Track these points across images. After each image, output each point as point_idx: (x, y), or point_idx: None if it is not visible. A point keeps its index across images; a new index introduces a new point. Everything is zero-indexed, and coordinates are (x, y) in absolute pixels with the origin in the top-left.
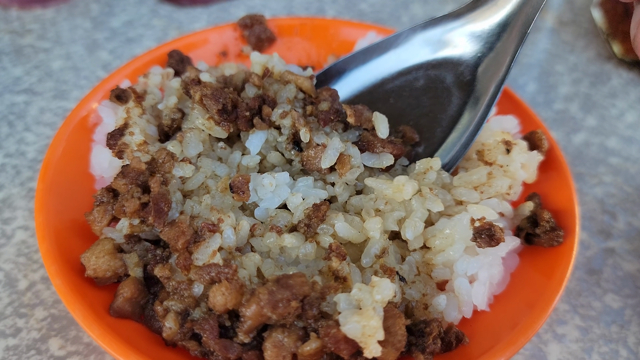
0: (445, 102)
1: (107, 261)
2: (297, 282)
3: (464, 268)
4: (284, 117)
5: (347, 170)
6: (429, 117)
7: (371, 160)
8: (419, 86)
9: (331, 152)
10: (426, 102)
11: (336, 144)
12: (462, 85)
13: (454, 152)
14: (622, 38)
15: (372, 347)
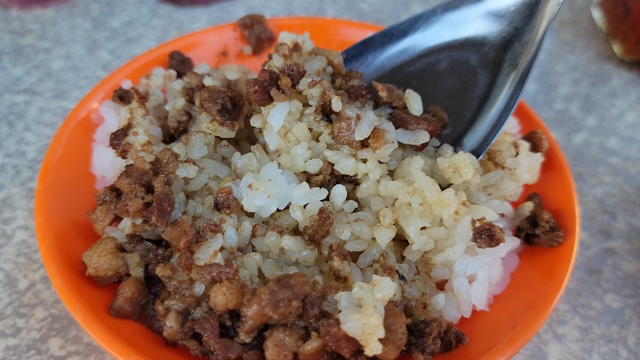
0: (471, 82)
1: (109, 260)
2: (298, 281)
3: (463, 268)
4: (313, 86)
5: (382, 145)
6: (455, 98)
7: (406, 137)
8: (442, 68)
9: (365, 124)
10: (451, 83)
11: (370, 116)
12: (489, 66)
13: (485, 132)
14: (622, 38)
15: (373, 345)
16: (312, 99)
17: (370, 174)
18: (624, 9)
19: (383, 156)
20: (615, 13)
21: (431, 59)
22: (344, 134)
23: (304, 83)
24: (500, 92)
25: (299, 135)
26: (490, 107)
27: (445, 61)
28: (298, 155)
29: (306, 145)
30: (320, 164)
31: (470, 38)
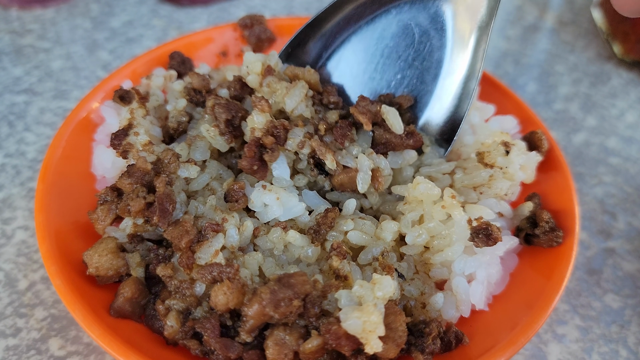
0: (427, 46)
1: (110, 260)
2: (299, 280)
3: (461, 267)
4: (302, 147)
5: (383, 183)
6: (414, 66)
7: (397, 161)
8: (393, 34)
9: (365, 176)
10: (407, 51)
11: (365, 163)
12: (441, 27)
13: (452, 104)
14: (622, 38)
15: (373, 342)
16: (303, 157)
17: (374, 206)
18: None
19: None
20: (615, 13)
21: (380, 24)
22: (346, 186)
23: (292, 145)
24: (458, 55)
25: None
26: (451, 74)
27: (395, 25)
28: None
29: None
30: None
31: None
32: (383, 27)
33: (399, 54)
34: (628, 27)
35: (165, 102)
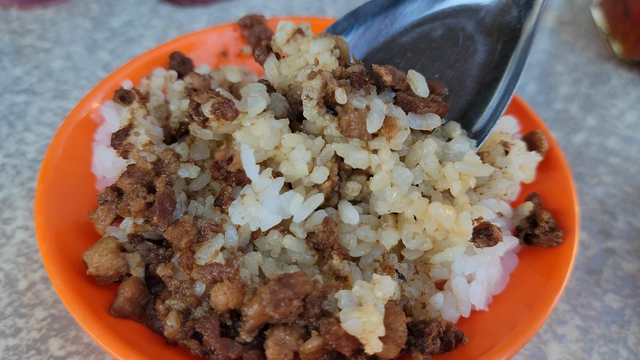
0: (470, 50)
1: (110, 260)
2: (299, 281)
3: (461, 268)
4: (313, 77)
5: (396, 134)
6: (455, 68)
7: (417, 122)
8: (437, 37)
9: (376, 115)
10: (449, 52)
11: (379, 105)
12: (487, 32)
13: (493, 103)
14: (622, 38)
15: (373, 342)
16: (313, 92)
17: (384, 165)
18: (623, 9)
19: (397, 146)
20: (615, 13)
21: (425, 28)
22: (353, 127)
23: (302, 74)
24: (503, 59)
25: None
26: (494, 75)
27: (440, 29)
28: (298, 160)
29: (303, 147)
30: (326, 172)
31: (464, 6)
32: (427, 30)
33: (440, 55)
34: (628, 27)
35: (166, 102)
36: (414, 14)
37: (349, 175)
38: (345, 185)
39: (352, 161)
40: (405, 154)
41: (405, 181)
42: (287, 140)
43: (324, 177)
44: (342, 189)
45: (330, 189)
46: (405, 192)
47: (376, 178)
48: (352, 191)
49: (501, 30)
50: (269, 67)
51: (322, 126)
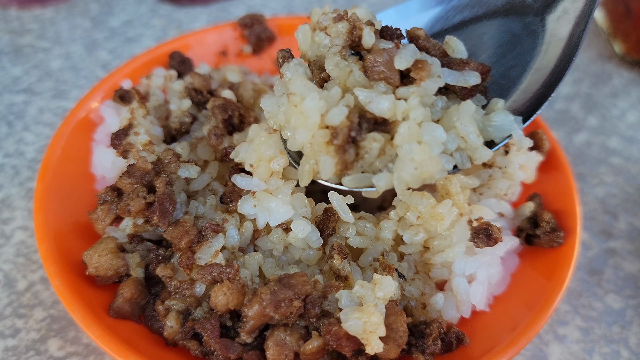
0: (517, 49)
1: (110, 260)
2: (299, 281)
3: (462, 268)
4: (339, 20)
5: (427, 76)
6: (499, 64)
7: (453, 76)
8: (481, 35)
9: (406, 52)
10: (492, 50)
11: (411, 47)
12: (534, 33)
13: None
14: (623, 37)
15: (374, 343)
16: (339, 37)
17: (412, 113)
18: (624, 8)
19: (428, 92)
20: (616, 12)
21: (469, 29)
22: (379, 67)
23: (327, 18)
24: (549, 55)
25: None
26: (539, 71)
27: (485, 29)
28: (310, 109)
29: (316, 96)
30: (344, 111)
31: (510, 7)
32: (472, 30)
33: (484, 51)
34: (629, 26)
35: (166, 102)
36: (457, 15)
37: (370, 129)
38: (365, 134)
39: (375, 106)
40: (438, 118)
41: (437, 139)
42: (296, 86)
43: (341, 117)
44: (361, 138)
45: (347, 133)
46: (436, 153)
47: (402, 129)
48: (373, 141)
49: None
50: (302, 30)
51: (345, 78)
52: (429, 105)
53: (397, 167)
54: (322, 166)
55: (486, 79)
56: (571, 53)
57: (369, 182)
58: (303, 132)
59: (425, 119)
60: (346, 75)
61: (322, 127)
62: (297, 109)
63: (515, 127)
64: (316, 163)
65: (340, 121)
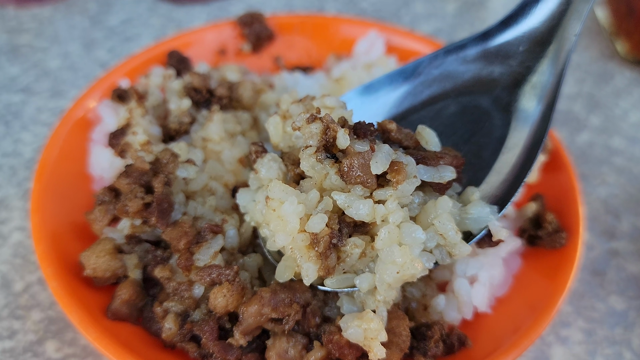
0: (487, 125)
1: (107, 261)
2: (301, 286)
3: (463, 269)
4: (312, 121)
5: (404, 179)
6: (471, 142)
7: (429, 173)
8: (451, 113)
9: (382, 156)
10: (463, 128)
11: (385, 148)
12: (503, 108)
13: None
14: (625, 37)
15: (376, 349)
16: (312, 138)
17: (391, 217)
18: (627, 7)
19: (405, 194)
20: (619, 11)
21: (437, 106)
22: (355, 172)
23: (301, 119)
24: (521, 131)
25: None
26: (512, 148)
27: (454, 106)
28: (289, 214)
29: (295, 200)
30: (324, 218)
31: (478, 81)
32: (441, 107)
33: (454, 131)
34: (632, 25)
35: (164, 101)
36: (425, 91)
37: (350, 234)
38: (345, 239)
39: (354, 211)
40: (416, 214)
41: (417, 241)
42: (274, 192)
43: (321, 225)
44: (341, 244)
45: (328, 241)
46: (417, 254)
47: (382, 233)
48: (354, 247)
49: (517, 106)
50: (273, 122)
51: (321, 179)
52: (407, 204)
53: (379, 269)
54: (305, 273)
55: (460, 170)
56: (542, 129)
57: (352, 283)
58: (283, 237)
59: (404, 220)
60: (322, 177)
61: (302, 231)
62: (275, 213)
63: (491, 218)
64: (298, 266)
65: (321, 229)
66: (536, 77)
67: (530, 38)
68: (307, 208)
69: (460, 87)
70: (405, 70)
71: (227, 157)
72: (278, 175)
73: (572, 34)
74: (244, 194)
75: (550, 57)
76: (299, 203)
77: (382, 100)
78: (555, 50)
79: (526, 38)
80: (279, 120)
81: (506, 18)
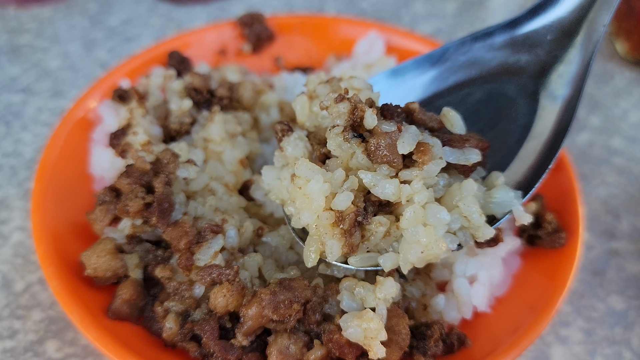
0: (512, 112)
1: (108, 261)
2: (300, 285)
3: (463, 269)
4: (340, 100)
5: (430, 159)
6: (496, 129)
7: (454, 155)
8: (477, 100)
9: (409, 136)
10: (489, 115)
11: (412, 129)
12: (528, 96)
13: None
14: (625, 37)
15: (376, 348)
16: (340, 117)
17: (416, 196)
18: (627, 7)
19: (431, 174)
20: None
21: (463, 92)
22: (382, 151)
23: (329, 99)
24: (547, 118)
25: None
26: (537, 136)
27: (480, 93)
28: (315, 192)
29: (321, 179)
30: (350, 196)
31: (504, 69)
32: (466, 93)
33: (479, 117)
34: (632, 25)
35: (165, 101)
36: (452, 77)
37: (375, 213)
38: (370, 218)
39: (379, 190)
40: (441, 196)
41: (441, 222)
42: (301, 170)
43: (347, 202)
44: (367, 222)
45: (354, 218)
46: (441, 235)
47: (407, 213)
48: (379, 225)
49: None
50: (300, 101)
51: (347, 158)
52: (432, 185)
53: (403, 249)
54: (329, 250)
55: (485, 152)
56: (568, 118)
57: (375, 262)
58: (308, 214)
59: (429, 200)
60: (349, 156)
61: (327, 209)
62: (301, 191)
63: (515, 203)
64: (322, 244)
65: (347, 206)
66: (563, 66)
67: (558, 27)
68: (333, 187)
69: (487, 74)
70: (432, 55)
71: (228, 158)
72: (304, 154)
73: (601, 25)
74: (269, 171)
75: (577, 47)
76: (325, 182)
77: (409, 84)
78: (583, 41)
79: (554, 27)
80: (305, 100)
81: (535, 7)
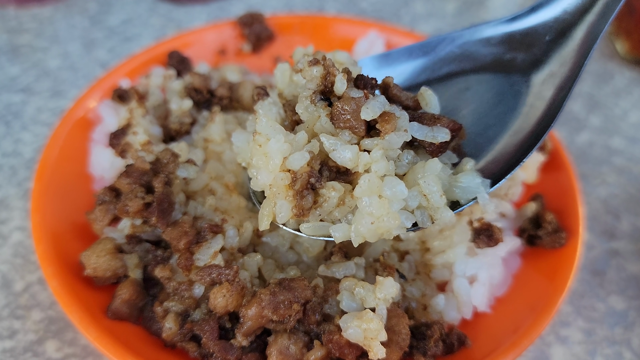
0: (497, 107)
1: (108, 261)
2: (300, 285)
3: (463, 269)
4: (314, 64)
5: (393, 129)
6: (479, 121)
7: (422, 132)
8: (465, 91)
9: (374, 104)
10: (474, 106)
11: (381, 98)
12: (517, 94)
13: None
14: (625, 36)
15: (376, 349)
16: (312, 81)
17: (374, 165)
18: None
19: (392, 145)
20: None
21: (453, 82)
22: (345, 116)
23: (303, 62)
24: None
25: (266, 130)
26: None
27: (470, 85)
28: (274, 150)
29: (282, 138)
30: (306, 157)
31: (498, 65)
32: (456, 84)
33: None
34: (632, 25)
35: (165, 101)
36: (444, 67)
37: (332, 180)
38: (324, 182)
39: (337, 155)
40: (404, 172)
41: (398, 195)
42: (262, 126)
43: (301, 162)
44: (320, 185)
45: (307, 179)
46: (395, 209)
47: (362, 181)
48: (332, 190)
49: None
50: (281, 69)
51: (313, 123)
52: (394, 158)
53: (356, 219)
54: (279, 210)
55: (457, 136)
56: (550, 118)
57: (327, 232)
58: (265, 174)
59: (388, 173)
60: (314, 120)
61: (284, 170)
62: (261, 149)
63: (481, 190)
64: (275, 206)
65: (301, 166)
66: (557, 67)
67: (557, 28)
68: (293, 148)
69: (479, 69)
70: (426, 44)
71: (228, 158)
72: (276, 119)
73: (600, 30)
74: (239, 135)
75: (574, 49)
76: (286, 142)
77: (399, 70)
78: (581, 43)
79: (554, 28)
80: (287, 67)
81: (535, 5)
